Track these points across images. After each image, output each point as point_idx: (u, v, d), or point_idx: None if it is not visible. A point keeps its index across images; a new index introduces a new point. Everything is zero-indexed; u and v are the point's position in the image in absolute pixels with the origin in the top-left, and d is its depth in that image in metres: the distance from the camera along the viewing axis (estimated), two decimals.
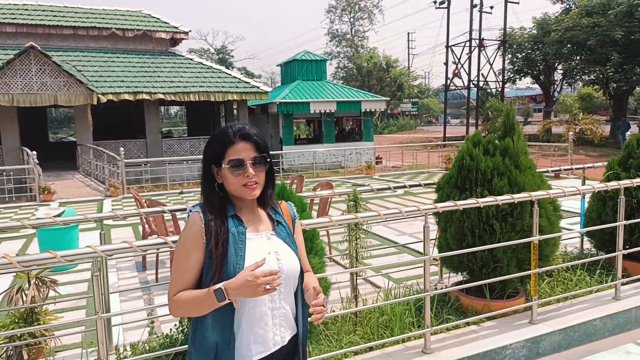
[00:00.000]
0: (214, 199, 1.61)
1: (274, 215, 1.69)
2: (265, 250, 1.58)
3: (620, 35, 22.70)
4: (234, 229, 1.57)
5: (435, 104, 68.39)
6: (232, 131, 1.59)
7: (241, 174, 1.55)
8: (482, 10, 31.31)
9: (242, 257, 1.54)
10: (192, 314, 1.59)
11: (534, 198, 3.52)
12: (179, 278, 1.57)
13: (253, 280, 1.43)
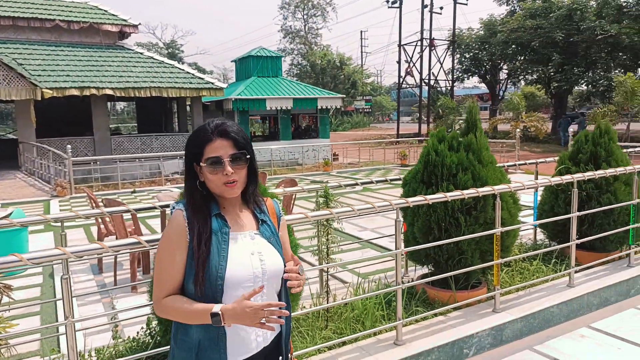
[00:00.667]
0: (197, 197, 1.57)
1: (259, 214, 1.66)
2: (249, 250, 1.55)
3: (561, 37, 23.98)
4: (218, 229, 1.55)
5: (387, 102, 69.67)
6: (210, 128, 1.55)
7: (219, 172, 1.52)
8: (432, 10, 32.18)
9: (224, 257, 1.52)
10: (177, 320, 1.56)
11: (497, 192, 3.67)
12: (164, 278, 1.54)
13: (253, 313, 1.42)
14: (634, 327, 3.95)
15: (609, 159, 4.92)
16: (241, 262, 1.52)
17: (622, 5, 21.83)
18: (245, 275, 1.51)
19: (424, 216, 3.91)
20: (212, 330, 1.51)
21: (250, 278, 1.52)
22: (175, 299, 1.52)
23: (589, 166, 4.98)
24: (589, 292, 4.24)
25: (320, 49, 57.20)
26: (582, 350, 3.60)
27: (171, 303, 1.51)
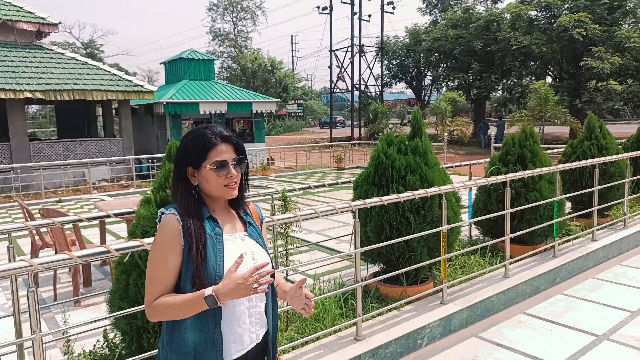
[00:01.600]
0: (191, 201, 1.63)
1: (245, 216, 1.74)
2: (242, 250, 1.62)
3: (480, 47, 25.72)
4: (211, 231, 1.60)
5: (319, 106, 70.56)
6: (211, 133, 1.63)
7: (224, 175, 1.60)
8: (361, 18, 33.15)
9: (221, 257, 1.58)
10: (173, 318, 1.57)
11: (443, 191, 3.94)
12: (157, 282, 1.57)
13: (244, 282, 1.46)
14: (562, 311, 4.40)
15: (534, 160, 5.42)
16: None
17: (532, 19, 23.83)
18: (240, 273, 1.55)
19: (377, 216, 4.10)
20: (209, 331, 1.56)
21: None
22: (166, 297, 1.55)
23: (517, 167, 5.45)
24: (522, 281, 4.66)
25: (251, 53, 56.80)
26: (521, 334, 3.96)
27: (163, 301, 1.54)
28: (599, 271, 5.44)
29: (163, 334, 1.66)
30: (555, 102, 17.79)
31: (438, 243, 4.16)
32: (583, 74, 22.72)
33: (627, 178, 6.38)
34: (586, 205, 6.34)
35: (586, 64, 20.76)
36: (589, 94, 23.33)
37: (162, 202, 2.88)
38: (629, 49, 21.14)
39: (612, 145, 6.66)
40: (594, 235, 5.92)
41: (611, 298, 4.64)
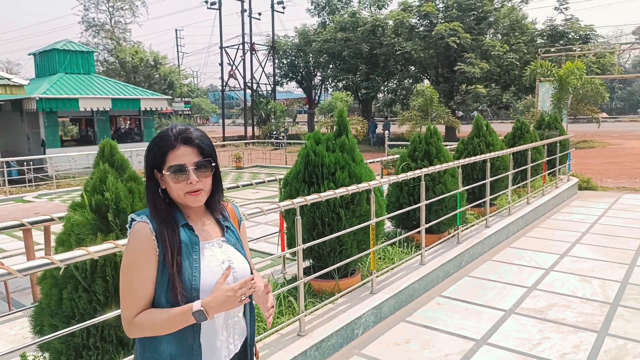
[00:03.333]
0: (161, 206, 1.50)
1: (223, 220, 1.63)
2: (219, 259, 1.53)
3: (367, 50, 27.10)
4: (187, 239, 1.50)
5: (207, 104, 68.58)
6: (172, 134, 1.48)
7: (183, 180, 1.46)
8: (251, 15, 32.93)
9: (197, 268, 1.48)
10: (157, 334, 1.47)
11: (372, 186, 4.13)
12: (133, 296, 1.45)
13: (233, 294, 1.42)
14: (470, 290, 4.88)
15: (439, 155, 5.91)
16: (213, 271, 1.49)
17: (413, 26, 25.74)
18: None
19: (309, 213, 4.17)
20: (185, 343, 1.47)
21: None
22: (150, 313, 1.45)
23: (425, 162, 5.90)
24: (436, 267, 5.06)
25: (131, 46, 53.20)
26: (442, 315, 4.31)
27: (146, 318, 1.44)
28: (493, 254, 6.12)
29: (136, 346, 1.55)
30: (438, 103, 19.51)
31: (366, 236, 4.35)
32: (457, 78, 25.15)
33: (510, 170, 7.24)
34: (477, 196, 7.06)
35: (460, 69, 23.02)
36: (461, 96, 25.89)
37: (97, 206, 2.64)
38: (494, 57, 23.90)
39: (497, 141, 7.51)
40: (487, 223, 6.63)
41: (509, 277, 5.26)
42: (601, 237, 6.78)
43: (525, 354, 3.56)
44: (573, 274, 5.26)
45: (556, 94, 12.56)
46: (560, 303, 4.50)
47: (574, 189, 10.17)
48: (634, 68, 57.57)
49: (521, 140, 8.86)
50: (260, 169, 16.88)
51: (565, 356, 3.52)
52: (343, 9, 33.45)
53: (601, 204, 9.05)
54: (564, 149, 10.26)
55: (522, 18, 27.39)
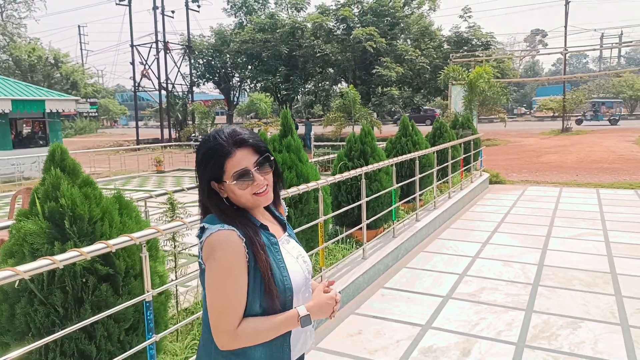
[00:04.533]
0: (233, 213, 1.44)
1: (280, 216, 1.62)
2: (293, 255, 1.52)
3: (286, 51, 27.26)
4: (267, 241, 1.46)
5: (114, 105, 64.77)
6: (223, 140, 1.41)
7: (249, 184, 1.41)
8: (164, 13, 31.66)
9: (284, 268, 1.45)
10: (258, 342, 1.42)
11: (320, 185, 4.25)
12: (234, 307, 1.38)
13: (332, 303, 1.45)
14: (410, 280, 5.19)
15: (374, 154, 6.19)
16: (296, 269, 1.48)
17: (331, 29, 26.35)
18: (302, 280, 1.49)
19: None
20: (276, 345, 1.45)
21: (304, 282, 1.51)
22: (253, 322, 1.39)
23: (360, 161, 6.14)
24: (377, 261, 5.31)
25: (27, 42, 48.80)
26: (387, 305, 4.54)
27: (252, 328, 1.39)
28: (425, 245, 6.52)
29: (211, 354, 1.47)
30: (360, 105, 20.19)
31: (314, 234, 4.46)
32: (373, 81, 26.17)
33: (435, 168, 7.75)
34: (406, 193, 7.47)
35: (377, 72, 23.98)
36: (377, 98, 27.00)
37: (51, 213, 2.48)
38: (407, 61, 25.20)
39: (422, 140, 8.00)
40: (417, 217, 7.04)
41: (442, 265, 5.65)
42: (515, 225, 7.50)
43: (467, 334, 3.88)
44: (496, 260, 5.78)
45: (467, 96, 13.59)
46: (489, 286, 4.93)
47: (486, 183, 11.09)
48: (525, 72, 63.57)
49: (441, 139, 9.49)
50: (183, 173, 16.33)
51: (502, 333, 3.89)
52: (260, 10, 33.36)
53: (510, 196, 9.97)
54: (477, 147, 11.14)
55: (429, 25, 29.19)
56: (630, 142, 21.73)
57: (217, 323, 1.39)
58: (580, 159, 16.67)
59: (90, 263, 2.42)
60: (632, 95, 42.72)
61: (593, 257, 5.76)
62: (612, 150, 18.98)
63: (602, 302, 4.42)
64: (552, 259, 5.74)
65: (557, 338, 3.76)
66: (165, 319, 2.99)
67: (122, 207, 2.78)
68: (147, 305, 2.56)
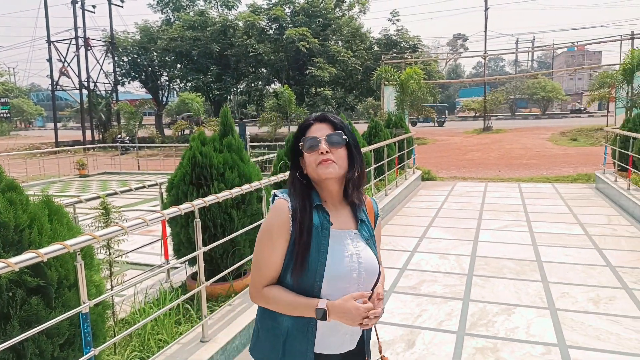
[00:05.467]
0: (298, 186, 1.56)
1: (358, 212, 1.61)
2: (348, 251, 1.52)
3: (217, 50, 26.66)
4: (319, 223, 1.51)
5: (29, 105, 60.22)
6: (311, 117, 1.62)
7: (315, 152, 1.51)
8: (84, 7, 29.85)
9: (324, 254, 1.49)
10: (278, 311, 1.53)
11: (263, 185, 4.18)
12: (263, 266, 1.53)
13: (357, 314, 1.43)
14: None
15: None
16: (340, 262, 1.49)
17: (264, 29, 26.14)
18: (342, 275, 1.49)
19: (199, 216, 4.03)
20: (302, 320, 1.50)
21: (347, 278, 1.49)
22: (278, 290, 1.51)
23: None
24: None
25: None
26: None
27: (274, 294, 1.50)
28: None
29: (258, 312, 1.65)
30: (295, 105, 20.18)
31: None
32: (307, 81, 26.31)
33: (372, 166, 7.91)
34: None
35: (310, 72, 24.11)
36: (311, 98, 27.19)
37: None
38: (339, 62, 25.59)
39: (359, 139, 8.13)
40: None
41: (383, 260, 5.76)
42: (448, 219, 7.84)
43: (411, 326, 3.99)
44: (433, 253, 6.00)
45: (399, 96, 14.03)
46: (428, 279, 5.11)
47: (419, 180, 11.52)
48: (448, 74, 66.90)
49: (376, 138, 9.72)
50: (109, 176, 15.46)
51: (442, 323, 4.04)
52: (189, 6, 32.34)
53: (442, 192, 10.42)
54: (410, 145, 11.53)
55: (359, 27, 29.84)
56: (544, 139, 23.56)
57: (252, 275, 1.58)
58: (501, 156, 17.81)
59: (18, 275, 2.21)
60: (545, 96, 46.34)
61: (520, 247, 6.15)
62: (528, 147, 20.47)
63: (532, 288, 4.73)
64: (483, 250, 6.06)
65: (493, 325, 3.97)
66: (103, 331, 2.81)
67: (52, 213, 2.57)
68: (84, 318, 2.39)
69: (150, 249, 5.88)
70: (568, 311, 4.16)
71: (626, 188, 8.38)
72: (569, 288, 4.70)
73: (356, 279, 1.51)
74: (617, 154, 9.76)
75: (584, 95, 48.27)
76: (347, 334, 1.56)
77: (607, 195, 9.26)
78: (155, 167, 17.13)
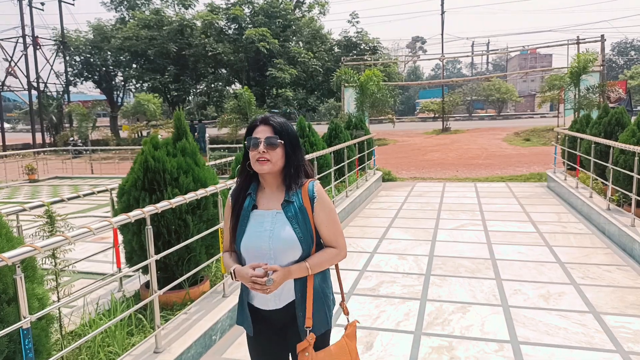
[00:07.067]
0: (242, 177, 1.99)
1: (287, 194, 1.91)
2: (264, 227, 1.88)
3: (175, 50, 26.07)
4: (246, 206, 1.93)
5: None
6: (259, 119, 1.92)
7: (255, 150, 1.85)
8: (32, 4, 28.55)
9: (243, 231, 1.91)
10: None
11: (219, 190, 4.10)
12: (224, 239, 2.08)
13: (247, 278, 1.79)
14: None
15: None
16: (252, 237, 1.88)
17: (222, 29, 25.77)
18: (254, 247, 1.87)
19: (153, 223, 3.90)
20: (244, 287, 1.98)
21: (260, 250, 1.86)
22: (226, 256, 2.01)
23: None
24: None
25: None
26: None
27: (224, 258, 2.03)
28: None
29: None
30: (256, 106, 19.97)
31: (214, 240, 4.29)
32: (268, 82, 26.13)
33: (332, 167, 7.93)
34: None
35: (271, 73, 23.96)
36: (272, 100, 27.02)
37: None
38: (300, 63, 25.56)
39: (319, 141, 8.14)
40: None
41: (343, 263, 5.76)
42: (407, 220, 7.96)
43: (369, 328, 4.01)
44: (392, 254, 6.07)
45: (359, 97, 14.14)
46: (387, 280, 5.16)
47: (379, 181, 11.65)
48: (408, 76, 68.13)
49: (336, 139, 9.75)
50: (60, 181, 14.82)
51: (400, 324, 4.08)
52: (144, 5, 31.48)
53: (401, 192, 10.58)
54: (370, 147, 11.64)
55: (320, 28, 29.93)
56: (499, 139, 24.36)
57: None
58: (459, 156, 18.28)
59: None
60: (499, 97, 47.95)
61: (475, 245, 6.31)
62: (485, 147, 21.11)
63: (486, 286, 4.86)
64: (440, 250, 6.18)
65: (449, 323, 4.04)
66: (47, 347, 2.67)
67: None
68: (25, 333, 2.26)
69: (104, 256, 5.65)
70: (520, 308, 4.30)
71: (575, 186, 8.77)
72: (520, 285, 4.86)
73: (267, 250, 1.86)
74: (566, 154, 10.20)
75: (536, 97, 50.32)
76: (269, 303, 1.93)
77: (557, 194, 9.66)
78: (109, 171, 16.56)
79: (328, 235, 1.93)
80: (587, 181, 8.58)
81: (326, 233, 1.92)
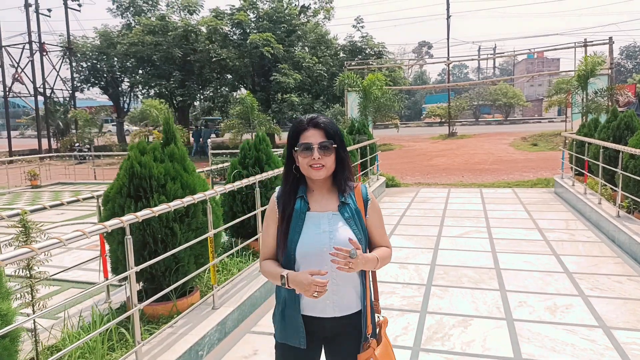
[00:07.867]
0: (289, 180, 1.88)
1: (341, 197, 1.86)
2: (322, 229, 1.80)
3: (180, 55, 26.07)
4: (299, 208, 1.83)
5: None
6: (305, 120, 1.84)
7: (308, 157, 1.78)
8: (38, 11, 28.74)
9: (298, 233, 1.81)
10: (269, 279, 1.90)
11: (208, 197, 3.93)
12: (264, 246, 1.93)
13: (307, 286, 1.66)
14: None
15: (269, 162, 5.97)
16: (310, 239, 1.79)
17: (227, 34, 25.74)
18: (312, 250, 1.78)
19: (138, 231, 3.75)
20: (293, 292, 1.77)
21: (317, 253, 1.77)
22: (268, 263, 1.88)
23: (255, 168, 5.89)
24: None
25: None
26: None
27: (265, 266, 1.89)
28: None
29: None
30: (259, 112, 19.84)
31: (204, 250, 4.12)
32: (272, 87, 26.03)
33: None
34: None
35: (275, 78, 23.86)
36: (277, 105, 26.90)
37: None
38: (305, 68, 25.45)
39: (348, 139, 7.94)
40: None
41: None
42: (409, 227, 7.74)
43: None
44: (393, 263, 5.85)
45: (362, 102, 13.96)
46: (387, 290, 4.95)
47: (383, 186, 11.44)
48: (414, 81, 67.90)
49: None
50: (63, 187, 14.76)
51: (397, 338, 3.87)
52: (150, 11, 31.57)
53: (405, 198, 10.36)
54: (373, 152, 11.45)
55: (325, 33, 29.83)
56: (506, 144, 24.06)
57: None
58: (465, 161, 18.01)
59: None
60: (506, 102, 47.53)
61: (479, 254, 6.08)
62: (491, 152, 20.82)
63: (489, 297, 4.63)
64: (443, 258, 5.96)
65: (449, 338, 3.82)
66: None
67: None
68: None
69: (96, 265, 5.50)
70: (525, 321, 4.07)
71: (583, 192, 8.51)
72: (526, 297, 4.63)
73: (324, 251, 1.76)
74: (574, 159, 9.93)
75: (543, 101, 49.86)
76: (328, 300, 1.81)
77: (565, 200, 9.39)
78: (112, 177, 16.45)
79: (379, 236, 1.95)
80: (596, 187, 8.32)
81: (377, 234, 1.95)
